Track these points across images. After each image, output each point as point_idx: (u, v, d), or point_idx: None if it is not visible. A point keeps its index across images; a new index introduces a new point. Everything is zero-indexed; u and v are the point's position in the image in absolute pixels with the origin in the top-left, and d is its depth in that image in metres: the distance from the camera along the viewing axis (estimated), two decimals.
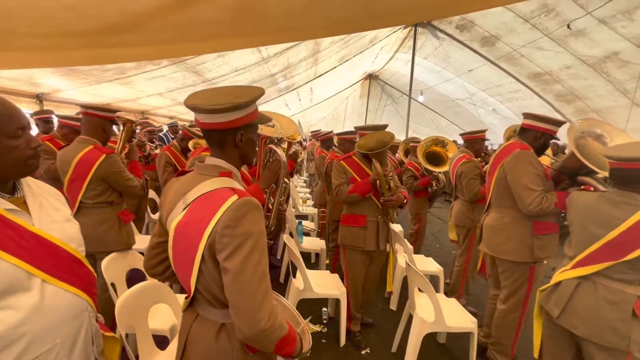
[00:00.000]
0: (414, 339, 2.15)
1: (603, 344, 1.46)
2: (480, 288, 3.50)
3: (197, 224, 0.91)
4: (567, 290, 1.57)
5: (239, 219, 0.87)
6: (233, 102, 0.92)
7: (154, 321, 1.69)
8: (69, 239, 0.95)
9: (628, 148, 1.51)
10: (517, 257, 2.11)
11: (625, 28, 4.81)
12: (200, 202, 0.94)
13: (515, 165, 2.07)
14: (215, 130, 0.97)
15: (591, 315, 1.48)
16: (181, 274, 1.00)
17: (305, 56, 6.38)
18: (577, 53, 5.78)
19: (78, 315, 0.91)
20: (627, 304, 1.42)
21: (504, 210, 2.21)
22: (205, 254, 0.90)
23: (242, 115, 0.96)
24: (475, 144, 3.17)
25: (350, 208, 2.46)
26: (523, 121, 2.22)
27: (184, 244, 0.95)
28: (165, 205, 1.04)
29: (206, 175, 0.99)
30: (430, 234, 5.21)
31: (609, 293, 1.46)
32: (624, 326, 1.41)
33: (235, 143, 0.99)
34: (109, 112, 2.05)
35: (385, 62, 10.78)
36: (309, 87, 9.56)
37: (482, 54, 7.53)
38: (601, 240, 1.47)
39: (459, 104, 10.61)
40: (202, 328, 1.00)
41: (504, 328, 2.21)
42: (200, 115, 0.95)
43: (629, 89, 5.81)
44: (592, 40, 5.34)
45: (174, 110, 7.88)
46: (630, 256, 1.39)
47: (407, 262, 2.29)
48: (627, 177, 1.46)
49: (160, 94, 6.07)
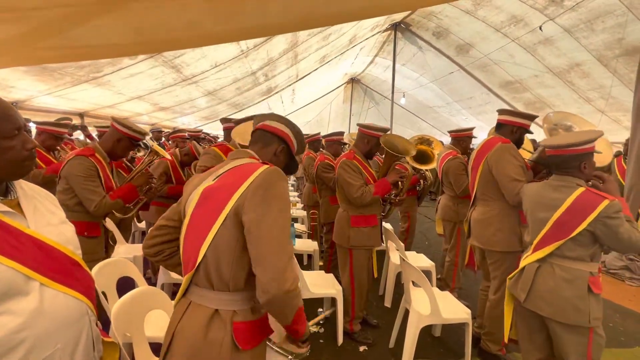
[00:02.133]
0: (412, 332, 2.18)
1: (567, 322, 1.55)
2: (469, 282, 3.58)
3: (228, 187, 0.98)
4: (529, 275, 1.67)
5: (271, 183, 0.95)
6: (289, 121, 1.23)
7: (149, 328, 1.63)
8: (66, 242, 0.92)
9: (559, 138, 1.69)
10: (507, 247, 2.18)
11: (587, 39, 5.16)
12: (233, 171, 1.03)
13: (499, 158, 2.15)
14: (268, 132, 1.19)
15: (552, 295, 1.58)
16: (191, 243, 1.00)
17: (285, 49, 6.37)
18: (545, 62, 6.14)
19: (79, 319, 0.88)
20: (582, 281, 1.53)
21: (490, 203, 2.28)
22: (230, 214, 0.94)
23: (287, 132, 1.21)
24: (462, 141, 3.27)
25: (361, 209, 2.40)
26: (499, 117, 2.32)
27: (209, 205, 0.99)
28: (190, 188, 1.09)
29: (237, 158, 1.11)
30: (418, 232, 5.29)
31: (564, 272, 1.57)
32: (582, 303, 1.52)
33: (274, 151, 1.19)
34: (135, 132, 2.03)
35: (366, 65, 10.97)
36: (291, 89, 9.59)
37: (457, 61, 7.82)
38: (548, 223, 1.61)
39: (436, 110, 10.98)
40: (193, 316, 0.98)
41: (496, 318, 2.26)
42: (271, 122, 1.20)
43: (591, 97, 6.24)
44: (559, 49, 5.70)
45: (156, 116, 7.71)
46: (575, 232, 1.53)
47: (402, 257, 2.33)
48: (560, 162, 1.64)
49: (140, 97, 5.92)
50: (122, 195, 2.00)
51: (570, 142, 1.59)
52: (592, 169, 1.63)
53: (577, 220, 1.53)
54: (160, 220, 1.15)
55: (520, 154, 2.19)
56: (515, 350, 2.39)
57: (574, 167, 1.61)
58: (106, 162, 2.03)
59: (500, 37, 6.13)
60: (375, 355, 2.41)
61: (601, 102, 6.20)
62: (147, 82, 5.35)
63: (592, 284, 1.53)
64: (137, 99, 5.94)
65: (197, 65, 5.42)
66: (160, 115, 7.75)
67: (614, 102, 5.88)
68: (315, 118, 13.76)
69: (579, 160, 1.59)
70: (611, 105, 6.01)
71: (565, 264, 1.58)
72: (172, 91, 6.12)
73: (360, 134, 2.47)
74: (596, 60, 5.43)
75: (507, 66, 6.91)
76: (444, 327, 2.66)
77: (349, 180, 2.32)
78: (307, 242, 3.62)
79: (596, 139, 1.59)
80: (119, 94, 5.41)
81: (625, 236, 1.46)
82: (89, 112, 5.82)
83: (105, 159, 2.02)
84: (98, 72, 4.36)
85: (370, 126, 2.44)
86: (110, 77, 4.66)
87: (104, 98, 5.42)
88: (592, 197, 1.53)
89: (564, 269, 1.58)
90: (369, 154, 2.48)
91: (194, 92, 6.64)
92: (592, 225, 1.50)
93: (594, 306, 1.52)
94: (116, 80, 4.85)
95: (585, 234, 1.53)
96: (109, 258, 2.15)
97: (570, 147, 1.58)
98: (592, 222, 1.50)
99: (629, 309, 3.22)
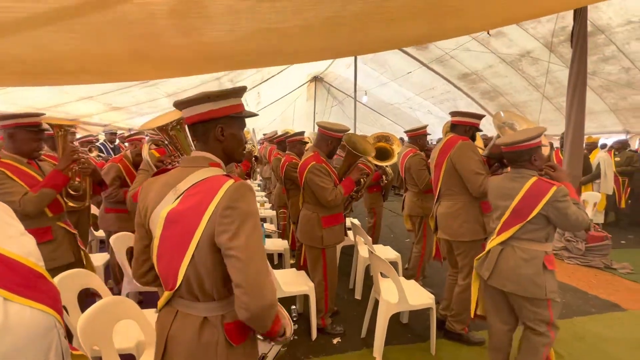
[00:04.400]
0: (382, 320, 2.29)
1: (527, 295, 1.78)
2: (433, 271, 3.81)
3: (194, 209, 0.93)
4: (494, 256, 1.89)
5: (239, 200, 0.91)
6: (206, 93, 0.99)
7: (118, 339, 1.57)
8: (28, 254, 0.88)
9: (511, 136, 1.93)
10: (473, 236, 2.38)
11: (534, 29, 5.66)
12: (195, 189, 0.96)
13: (461, 154, 2.36)
14: (199, 124, 1.02)
15: (513, 273, 1.81)
16: (167, 264, 0.98)
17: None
18: (498, 52, 6.63)
19: (46, 333, 0.85)
20: (538, 259, 1.77)
21: (455, 197, 2.45)
22: (202, 237, 0.91)
23: (219, 107, 1.01)
24: (418, 139, 3.49)
25: (329, 210, 2.46)
26: (452, 119, 2.55)
27: (177, 230, 0.95)
28: (148, 202, 1.02)
29: (195, 167, 1.01)
30: (384, 226, 5.48)
31: (523, 252, 1.81)
32: (539, 278, 1.75)
33: (217, 137, 1.03)
34: (19, 118, 1.79)
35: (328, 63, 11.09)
36: (256, 91, 9.46)
37: (417, 57, 8.17)
38: (508, 210, 1.84)
39: (397, 107, 11.42)
40: (183, 325, 0.99)
41: (464, 301, 2.45)
42: (184, 111, 1.03)
43: (540, 83, 6.85)
44: (510, 39, 6.17)
45: (108, 118, 7.21)
46: (530, 217, 1.76)
47: (370, 250, 2.43)
48: (514, 157, 1.87)
49: (91, 97, 5.50)
50: (46, 184, 1.83)
51: (519, 139, 1.81)
52: (542, 160, 1.86)
53: (532, 206, 1.75)
54: (140, 243, 1.08)
55: (478, 150, 2.41)
56: (477, 328, 2.61)
57: (525, 160, 1.82)
58: (21, 163, 1.85)
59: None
60: (349, 345, 2.51)
61: (549, 88, 6.75)
62: (101, 84, 4.97)
63: (546, 262, 1.76)
64: (87, 99, 5.50)
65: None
66: (113, 117, 7.26)
67: (559, 87, 6.43)
68: (280, 117, 13.66)
69: (529, 154, 1.81)
70: (556, 89, 6.57)
71: (523, 245, 1.80)
72: (128, 92, 5.75)
73: (322, 135, 2.49)
74: (543, 47, 5.91)
75: (463, 58, 7.33)
76: (411, 314, 2.82)
77: (321, 184, 2.34)
78: (277, 242, 3.64)
79: (541, 135, 1.82)
80: (66, 93, 4.99)
81: (573, 217, 1.68)
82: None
83: (17, 161, 1.84)
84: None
85: (331, 127, 2.46)
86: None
87: (48, 97, 4.96)
88: (542, 185, 1.75)
89: (523, 249, 1.80)
90: (331, 154, 2.54)
91: (153, 93, 6.30)
92: (545, 209, 1.72)
93: (549, 281, 1.75)
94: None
95: (540, 217, 1.75)
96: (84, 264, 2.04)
97: (519, 143, 1.80)
98: (545, 207, 1.72)
99: (567, 284, 3.63)
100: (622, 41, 5.14)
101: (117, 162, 2.83)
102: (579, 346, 2.51)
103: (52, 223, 1.92)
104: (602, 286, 3.57)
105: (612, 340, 2.61)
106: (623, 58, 5.43)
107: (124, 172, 2.79)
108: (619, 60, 5.50)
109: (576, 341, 2.56)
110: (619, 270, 3.95)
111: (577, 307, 3.12)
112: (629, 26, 4.83)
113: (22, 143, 1.84)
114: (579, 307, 3.13)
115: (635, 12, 4.58)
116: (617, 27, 4.92)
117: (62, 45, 1.60)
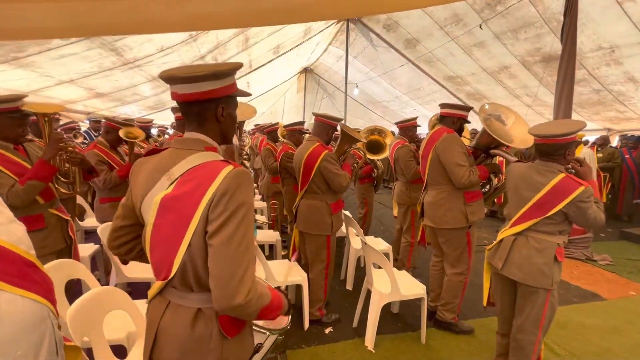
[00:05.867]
0: (374, 310, 2.32)
1: (533, 284, 1.81)
2: (422, 262, 3.87)
3: (190, 195, 0.88)
4: (506, 246, 1.90)
5: (236, 188, 0.87)
6: (213, 69, 0.90)
7: (109, 330, 1.54)
8: (18, 241, 0.84)
9: (547, 127, 1.87)
10: (456, 224, 2.43)
11: (512, 46, 5.88)
12: (192, 174, 0.91)
13: (445, 146, 2.40)
14: (195, 102, 0.93)
15: (525, 262, 1.83)
16: (162, 252, 0.93)
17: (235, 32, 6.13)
18: (480, 62, 6.85)
19: (39, 323, 0.81)
20: (550, 250, 1.79)
21: (440, 187, 2.51)
22: (199, 225, 0.87)
23: (222, 86, 0.93)
24: (408, 130, 3.54)
25: (335, 196, 2.56)
26: (441, 110, 2.59)
27: (172, 217, 0.90)
28: (138, 186, 0.97)
29: (190, 149, 0.95)
30: (374, 218, 5.53)
31: (536, 243, 1.82)
32: (548, 268, 1.78)
33: (217, 117, 0.97)
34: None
35: (319, 54, 10.99)
36: (245, 81, 9.28)
37: (405, 55, 8.22)
38: (530, 202, 1.83)
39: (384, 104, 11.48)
40: (175, 316, 0.95)
41: (453, 289, 2.52)
42: (178, 86, 0.91)
43: (519, 94, 7.18)
44: (490, 52, 6.40)
45: (92, 105, 6.96)
46: (551, 212, 1.76)
47: (362, 241, 2.44)
48: (547, 150, 1.82)
49: (73, 80, 5.28)
50: (34, 175, 1.75)
51: (559, 132, 1.74)
52: (573, 155, 1.84)
53: (555, 202, 1.75)
54: (117, 221, 1.04)
55: (463, 142, 2.45)
56: (466, 317, 2.68)
57: (560, 154, 1.78)
58: (8, 149, 1.77)
59: (443, 34, 6.61)
60: (340, 335, 2.53)
61: (528, 99, 7.08)
62: (82, 64, 4.78)
63: (557, 254, 1.79)
64: (69, 83, 5.28)
65: (141, 49, 4.98)
66: (97, 104, 7.01)
67: (536, 99, 6.74)
68: (270, 109, 13.52)
69: (565, 148, 1.77)
70: (534, 100, 6.87)
71: (538, 236, 1.81)
72: (110, 75, 5.54)
73: (322, 124, 2.55)
74: (520, 64, 6.20)
75: (448, 62, 7.49)
76: (402, 304, 2.86)
77: (336, 171, 2.42)
78: (268, 233, 3.61)
79: (581, 129, 1.78)
80: (47, 76, 4.76)
81: (591, 217, 1.71)
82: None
83: (4, 147, 1.76)
84: (20, 52, 3.78)
85: (330, 117, 2.55)
86: (35, 58, 4.08)
87: (27, 81, 4.74)
88: (570, 183, 1.73)
89: (538, 240, 1.81)
90: (327, 142, 2.60)
91: (136, 77, 6.10)
92: (567, 207, 1.73)
93: (556, 272, 1.79)
94: (43, 62, 4.24)
95: (559, 213, 1.76)
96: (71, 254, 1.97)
97: (559, 137, 1.74)
98: (567, 205, 1.72)
99: None
100: (593, 66, 5.37)
101: (91, 148, 2.69)
102: (563, 334, 2.61)
103: (44, 210, 1.87)
104: (584, 277, 3.71)
105: (592, 327, 2.73)
106: (593, 81, 5.68)
107: (104, 156, 2.68)
108: (589, 82, 5.75)
109: (560, 329, 2.66)
110: (599, 262, 4.11)
111: (560, 296, 3.19)
112: (599, 52, 5.04)
113: (5, 129, 1.75)
114: (561, 296, 3.24)
115: (606, 39, 4.77)
116: (589, 52, 5.12)
117: None
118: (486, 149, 2.47)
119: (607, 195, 6.13)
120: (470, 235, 2.48)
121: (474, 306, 2.90)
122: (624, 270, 3.87)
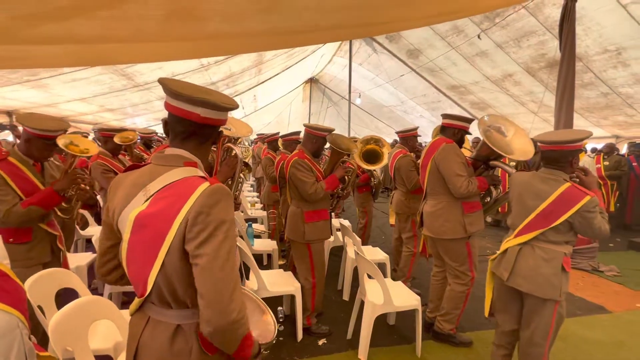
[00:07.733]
0: (367, 321, 2.29)
1: (542, 296, 1.75)
2: (422, 272, 3.82)
3: (165, 212, 0.87)
4: (512, 256, 1.85)
5: (213, 206, 0.86)
6: (218, 101, 0.94)
7: (97, 339, 1.55)
8: None
9: (554, 134, 1.86)
10: (454, 235, 2.40)
11: (515, 54, 5.91)
12: (167, 191, 0.90)
13: (444, 156, 2.39)
14: (187, 121, 0.94)
15: (532, 273, 1.78)
16: (137, 270, 0.94)
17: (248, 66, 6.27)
18: (483, 71, 6.88)
19: (8, 333, 0.83)
20: (557, 260, 1.75)
21: (438, 197, 2.49)
22: (173, 243, 0.86)
23: (219, 118, 0.98)
24: (409, 140, 3.52)
25: (312, 205, 2.51)
26: (443, 121, 2.59)
27: (147, 235, 0.89)
28: (117, 201, 0.97)
29: (168, 165, 0.95)
30: (375, 227, 5.51)
31: (543, 253, 1.77)
32: (556, 279, 1.73)
33: (201, 141, 0.99)
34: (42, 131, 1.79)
35: (324, 65, 11.12)
36: (252, 94, 9.45)
37: (409, 64, 8.29)
38: (535, 212, 1.79)
39: (392, 110, 11.50)
40: (155, 332, 0.95)
41: (455, 299, 2.48)
42: (179, 103, 0.93)
43: (524, 101, 7.15)
44: (493, 61, 6.44)
45: (102, 116, 7.17)
46: (556, 222, 1.73)
47: (357, 252, 2.43)
48: (553, 157, 1.80)
49: (84, 99, 5.48)
50: (38, 202, 1.80)
51: (566, 139, 1.73)
52: (577, 163, 1.82)
53: (561, 212, 1.71)
54: (104, 243, 1.03)
55: (462, 153, 2.44)
56: (464, 330, 2.62)
57: (566, 161, 1.76)
58: (26, 165, 1.84)
59: (445, 45, 6.65)
60: (334, 347, 2.50)
61: (533, 105, 7.00)
62: (93, 87, 4.95)
63: (565, 263, 1.75)
64: (80, 100, 5.46)
65: (152, 74, 5.14)
66: (107, 116, 7.22)
67: (542, 105, 6.66)
68: (276, 119, 13.67)
69: (571, 156, 1.75)
70: (540, 106, 6.80)
71: (545, 246, 1.78)
72: (120, 95, 5.73)
73: (307, 134, 2.58)
74: (524, 71, 6.18)
75: (452, 72, 7.51)
76: (398, 316, 2.82)
77: (302, 178, 2.41)
78: (266, 242, 3.62)
79: (587, 137, 1.76)
80: (58, 95, 4.95)
81: (596, 227, 1.68)
82: (20, 110, 5.27)
83: (24, 162, 1.83)
84: (33, 75, 3.94)
85: (316, 127, 2.56)
86: (48, 81, 4.24)
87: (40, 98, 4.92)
88: (576, 192, 1.70)
89: (544, 250, 1.77)
90: (317, 153, 2.60)
91: (146, 96, 6.28)
92: (572, 217, 1.70)
93: (564, 282, 1.75)
94: (55, 84, 4.42)
95: (565, 224, 1.73)
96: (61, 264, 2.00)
97: (566, 143, 1.72)
98: (573, 215, 1.69)
99: None
100: (600, 68, 5.32)
101: (95, 159, 2.76)
102: (561, 346, 2.53)
103: (33, 224, 1.89)
104: (589, 288, 3.60)
105: (593, 341, 2.63)
106: (601, 84, 5.60)
107: (109, 165, 2.76)
108: (597, 86, 5.68)
109: (558, 341, 2.57)
110: (605, 273, 3.98)
111: None
112: (605, 54, 4.99)
113: (35, 149, 1.85)
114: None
115: (612, 41, 4.72)
116: (594, 55, 5.09)
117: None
118: (486, 160, 2.45)
119: (616, 204, 5.97)
120: (471, 246, 2.44)
121: (472, 318, 2.84)
122: (631, 282, 3.74)
